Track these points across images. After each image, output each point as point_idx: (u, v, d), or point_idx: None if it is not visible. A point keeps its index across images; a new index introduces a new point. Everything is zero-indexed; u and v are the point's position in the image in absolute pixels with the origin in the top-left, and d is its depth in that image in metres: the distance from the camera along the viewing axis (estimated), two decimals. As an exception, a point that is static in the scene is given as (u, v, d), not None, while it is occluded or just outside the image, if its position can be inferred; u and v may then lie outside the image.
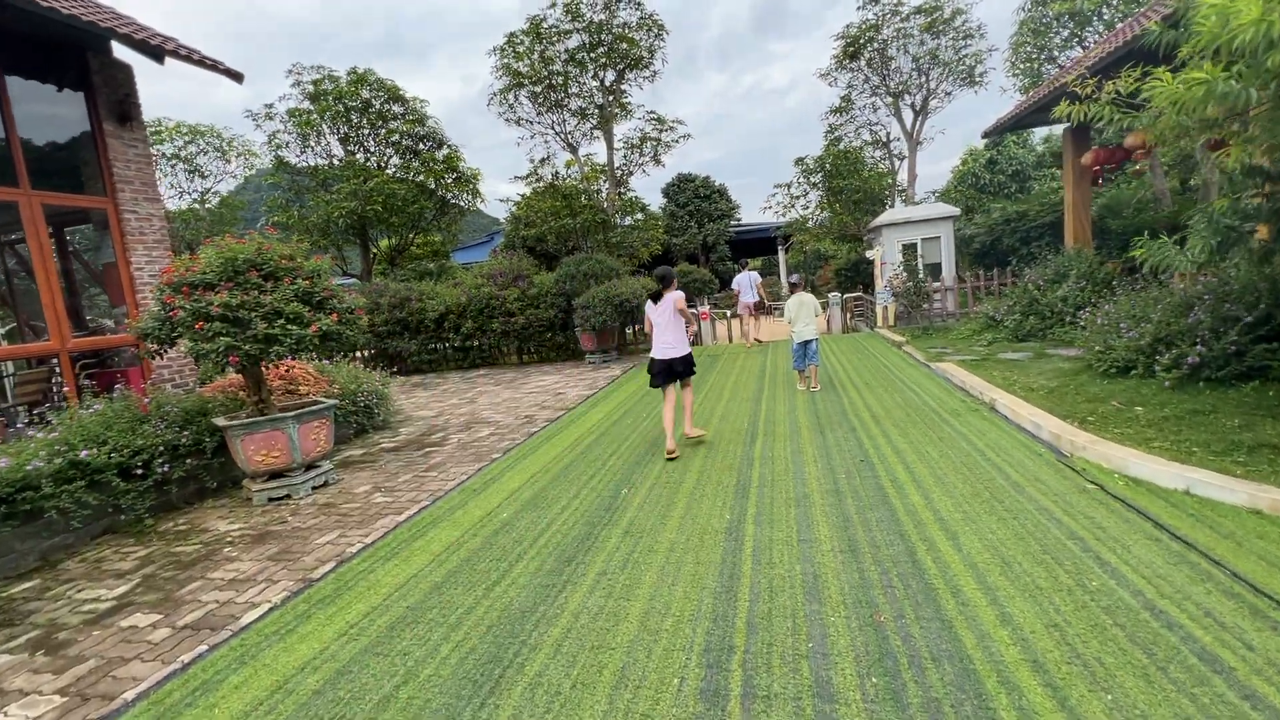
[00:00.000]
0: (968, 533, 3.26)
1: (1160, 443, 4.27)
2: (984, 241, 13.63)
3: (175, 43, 7.09)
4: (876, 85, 16.60)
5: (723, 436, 5.75)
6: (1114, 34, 7.97)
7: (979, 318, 10.60)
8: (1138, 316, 6.38)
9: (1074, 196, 10.16)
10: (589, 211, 13.64)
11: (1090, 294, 8.98)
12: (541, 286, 13.22)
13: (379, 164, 16.68)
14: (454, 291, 14.03)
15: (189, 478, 5.34)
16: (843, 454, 4.86)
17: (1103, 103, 4.68)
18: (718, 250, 29.37)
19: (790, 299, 7.87)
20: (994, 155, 23.61)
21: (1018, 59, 14.16)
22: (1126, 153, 9.70)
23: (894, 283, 12.31)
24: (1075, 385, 6.13)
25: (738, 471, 4.67)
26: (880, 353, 9.99)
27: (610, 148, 15.43)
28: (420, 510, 4.60)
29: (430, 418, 8.40)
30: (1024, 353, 8.38)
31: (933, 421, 5.52)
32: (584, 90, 15.31)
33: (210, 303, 4.58)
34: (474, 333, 13.67)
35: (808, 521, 3.63)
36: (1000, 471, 4.10)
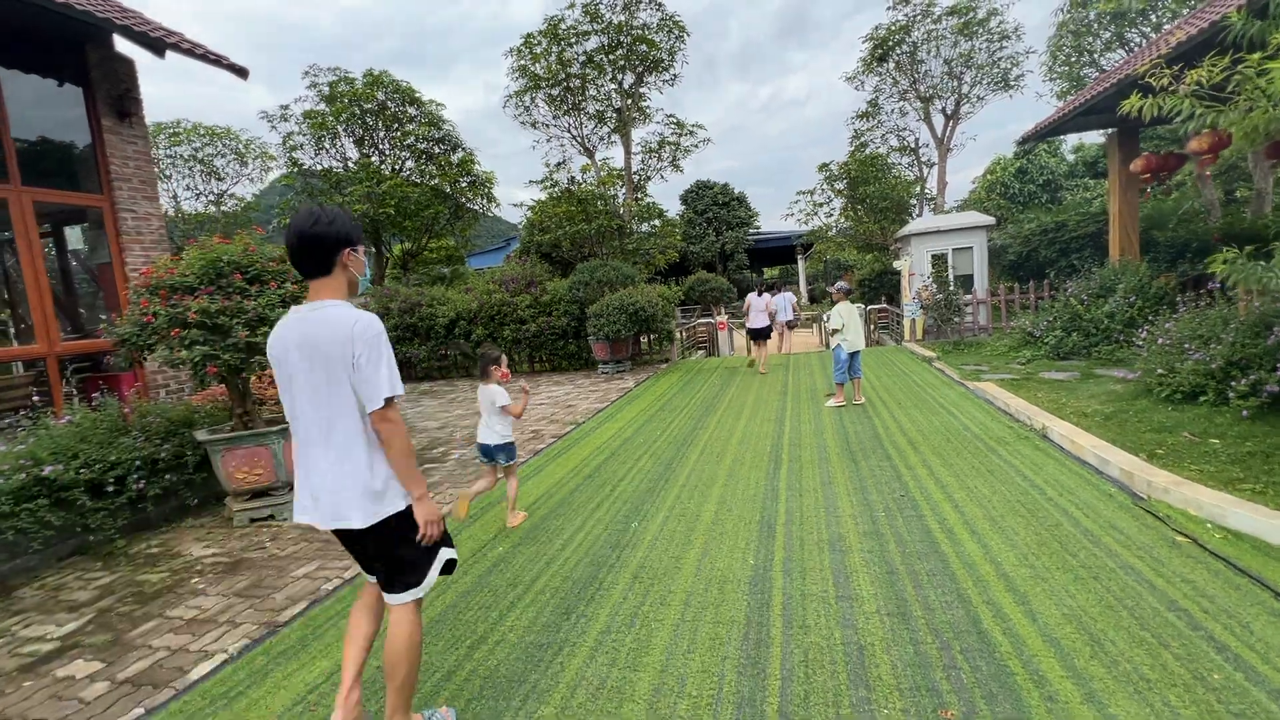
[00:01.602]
0: (1040, 595, 2.74)
1: (1250, 484, 3.71)
2: (1019, 253, 12.99)
3: (179, 36, 6.82)
4: (906, 89, 16.03)
5: (743, 461, 5.26)
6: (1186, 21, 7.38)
7: (1015, 333, 9.99)
8: (1204, 337, 5.78)
9: (1120, 206, 9.53)
10: (605, 217, 13.25)
11: (1141, 310, 8.35)
12: (555, 293, 12.83)
13: (394, 167, 16.47)
14: (465, 297, 13.70)
15: (168, 494, 4.97)
16: (879, 487, 4.35)
17: (1181, 95, 4.15)
18: (735, 258, 28.90)
19: (839, 305, 7.27)
20: (1024, 164, 22.85)
21: (1055, 63, 13.56)
22: (1180, 159, 9.07)
23: (923, 295, 11.73)
24: (1135, 412, 5.55)
25: (761, 505, 4.18)
26: (910, 369, 9.43)
27: (628, 152, 15.05)
28: (409, 539, 4.16)
29: (434, 429, 8.01)
30: (1068, 372, 7.78)
31: (978, 450, 4.98)
32: (601, 93, 14.97)
33: (187, 308, 4.21)
34: (485, 339, 13.30)
35: (845, 572, 3.13)
36: (1067, 515, 3.57)
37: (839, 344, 7.31)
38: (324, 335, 1.89)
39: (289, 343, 1.95)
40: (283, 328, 1.98)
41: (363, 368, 1.88)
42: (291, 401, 2.00)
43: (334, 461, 1.94)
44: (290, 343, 1.94)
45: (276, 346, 1.98)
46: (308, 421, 1.97)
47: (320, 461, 1.96)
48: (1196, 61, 4.09)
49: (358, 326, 1.88)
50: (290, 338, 1.95)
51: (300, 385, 1.95)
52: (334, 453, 1.94)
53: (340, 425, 1.93)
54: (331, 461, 1.94)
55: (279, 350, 1.97)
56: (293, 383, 1.97)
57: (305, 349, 1.91)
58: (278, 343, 1.98)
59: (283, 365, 1.98)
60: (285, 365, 1.97)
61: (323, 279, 1.97)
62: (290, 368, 1.96)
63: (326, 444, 1.95)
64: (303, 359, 1.93)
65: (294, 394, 1.98)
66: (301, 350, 1.92)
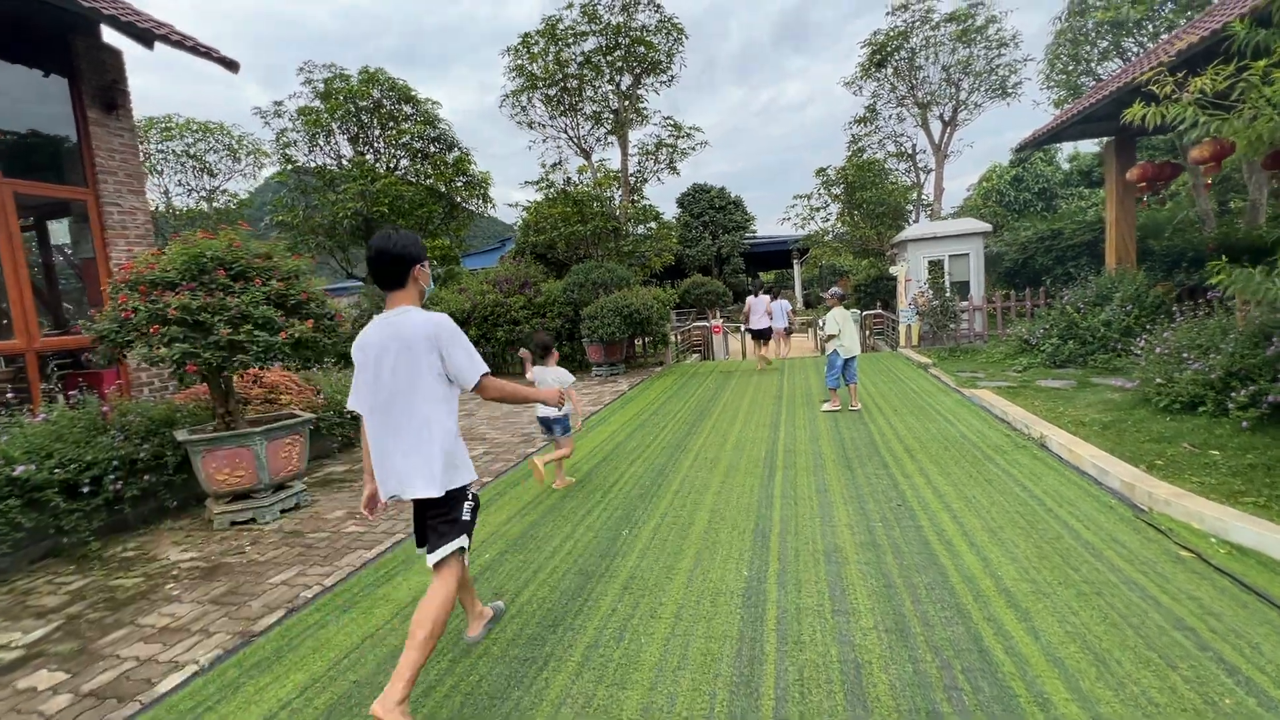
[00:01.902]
0: (1042, 612, 2.66)
1: (1252, 497, 3.64)
2: (1015, 260, 12.97)
3: (168, 28, 6.70)
4: (904, 95, 16.02)
5: (737, 468, 5.17)
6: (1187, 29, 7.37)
7: (1011, 340, 9.95)
8: (1203, 347, 5.73)
9: (1117, 214, 9.51)
10: (601, 218, 13.16)
11: (1138, 319, 8.32)
12: (549, 295, 12.74)
13: (388, 166, 16.33)
14: (459, 298, 13.58)
15: (146, 495, 4.84)
16: (875, 495, 4.26)
17: (1185, 103, 4.09)
18: (731, 262, 28.86)
19: (834, 311, 7.25)
20: (1020, 172, 22.91)
21: (1053, 71, 13.57)
22: (1176, 168, 9.06)
23: (919, 301, 11.69)
24: (1134, 421, 5.49)
25: (756, 513, 4.09)
26: (906, 375, 9.37)
27: (624, 154, 14.97)
28: (394, 545, 4.05)
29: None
30: (1065, 380, 7.73)
31: (975, 459, 4.91)
32: (599, 94, 14.89)
33: (168, 305, 4.08)
34: (478, 340, 13.18)
35: (841, 585, 3.04)
36: (1067, 527, 3.49)
37: (834, 349, 7.28)
38: (411, 335, 2.23)
39: (379, 342, 2.26)
40: (373, 330, 2.30)
41: (451, 358, 2.27)
42: (375, 393, 2.29)
43: (413, 443, 2.26)
44: (380, 342, 2.26)
45: (367, 345, 2.29)
46: (392, 409, 2.27)
47: (401, 444, 2.27)
48: (1199, 70, 4.03)
49: (437, 326, 2.26)
50: (380, 338, 2.27)
51: (387, 378, 2.26)
52: (413, 436, 2.26)
53: (421, 412, 2.26)
54: (411, 444, 2.26)
55: (369, 348, 2.28)
56: (379, 377, 2.27)
57: (395, 347, 2.24)
58: (369, 343, 2.29)
59: (370, 362, 2.28)
60: (373, 362, 2.28)
61: (399, 291, 2.33)
62: (378, 364, 2.27)
63: (408, 429, 2.26)
64: (392, 356, 2.24)
65: (380, 386, 2.27)
66: (391, 348, 2.24)
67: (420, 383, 2.24)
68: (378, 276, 2.32)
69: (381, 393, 2.27)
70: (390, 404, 2.27)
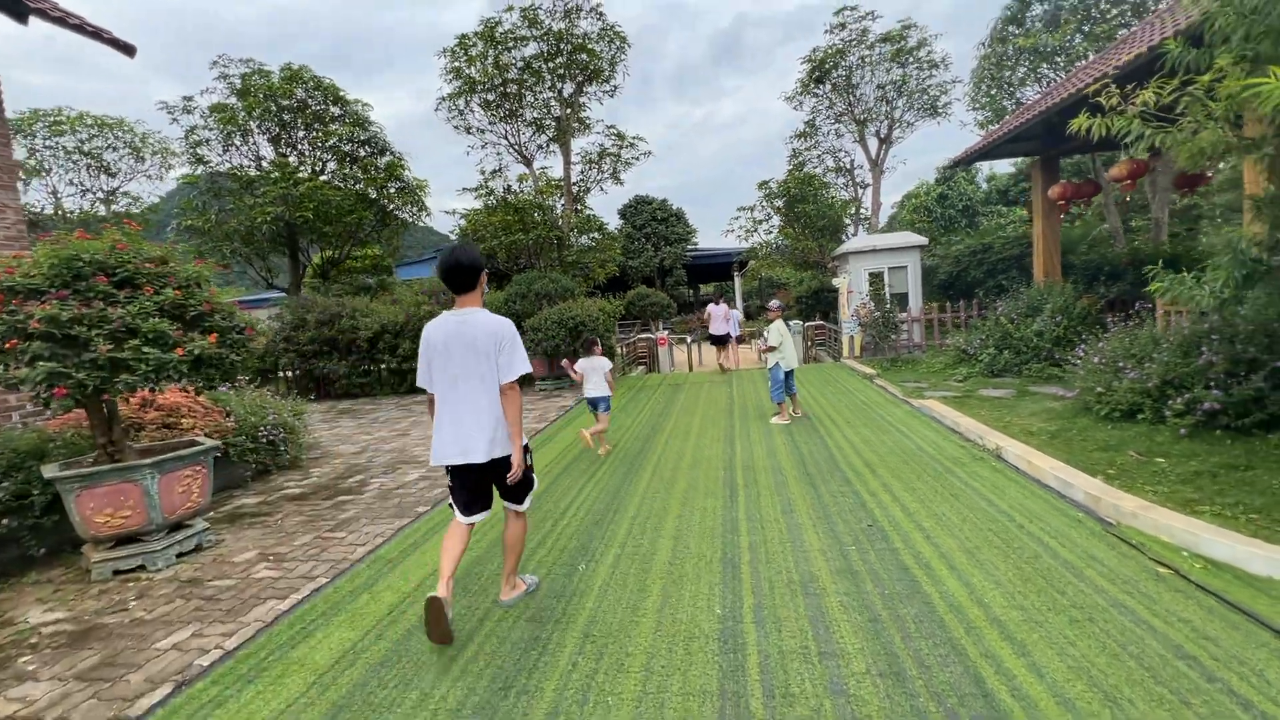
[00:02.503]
0: (1039, 644, 2.48)
1: (1205, 506, 3.66)
2: (949, 273, 13.47)
3: (48, 3, 5.89)
4: (842, 111, 16.50)
5: (696, 488, 4.89)
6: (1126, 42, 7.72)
7: (950, 351, 10.21)
8: (1137, 356, 5.93)
9: (1043, 229, 9.97)
10: (543, 228, 12.74)
11: (1067, 329, 8.66)
12: (489, 305, 12.19)
13: (314, 169, 15.34)
14: (392, 309, 12.81)
15: (6, 542, 4.06)
16: (844, 514, 4.07)
17: (1130, 115, 4.16)
18: (674, 274, 28.94)
19: (776, 323, 7.20)
20: (945, 190, 24.12)
21: (978, 94, 14.31)
22: (1095, 186, 9.57)
23: (861, 312, 11.88)
24: (1078, 430, 5.59)
25: (722, 540, 3.80)
26: (853, 386, 9.41)
27: (567, 162, 14.64)
28: (314, 593, 3.51)
29: (352, 454, 7.22)
30: (1005, 390, 7.92)
31: (937, 472, 4.82)
32: (540, 101, 14.51)
33: (30, 316, 3.42)
34: (412, 354, 12.45)
35: (824, 621, 2.78)
36: (1043, 545, 3.38)
37: (776, 362, 7.17)
38: (479, 333, 2.77)
39: (449, 336, 2.80)
40: (441, 326, 2.83)
41: (506, 353, 2.79)
42: (445, 378, 2.82)
43: (479, 417, 2.79)
44: (450, 336, 2.79)
45: (437, 338, 2.82)
46: (461, 393, 2.80)
47: (470, 418, 2.79)
48: (1144, 84, 4.12)
49: (502, 327, 2.82)
50: (449, 333, 2.80)
51: (457, 367, 2.79)
52: (481, 415, 2.79)
53: (486, 395, 2.80)
54: (478, 417, 2.79)
55: (439, 341, 2.82)
56: (449, 365, 2.80)
57: (464, 341, 2.77)
58: (438, 336, 2.82)
59: (440, 353, 2.81)
60: (443, 353, 2.80)
61: (469, 294, 2.86)
62: (448, 354, 2.79)
63: (477, 406, 2.79)
64: (461, 348, 2.77)
65: (450, 373, 2.80)
66: (461, 341, 2.77)
67: (484, 369, 2.79)
68: (452, 282, 2.86)
69: (451, 371, 2.81)
70: (451, 385, 2.82)
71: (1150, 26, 6.99)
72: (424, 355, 2.89)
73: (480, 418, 2.79)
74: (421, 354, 2.91)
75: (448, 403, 2.84)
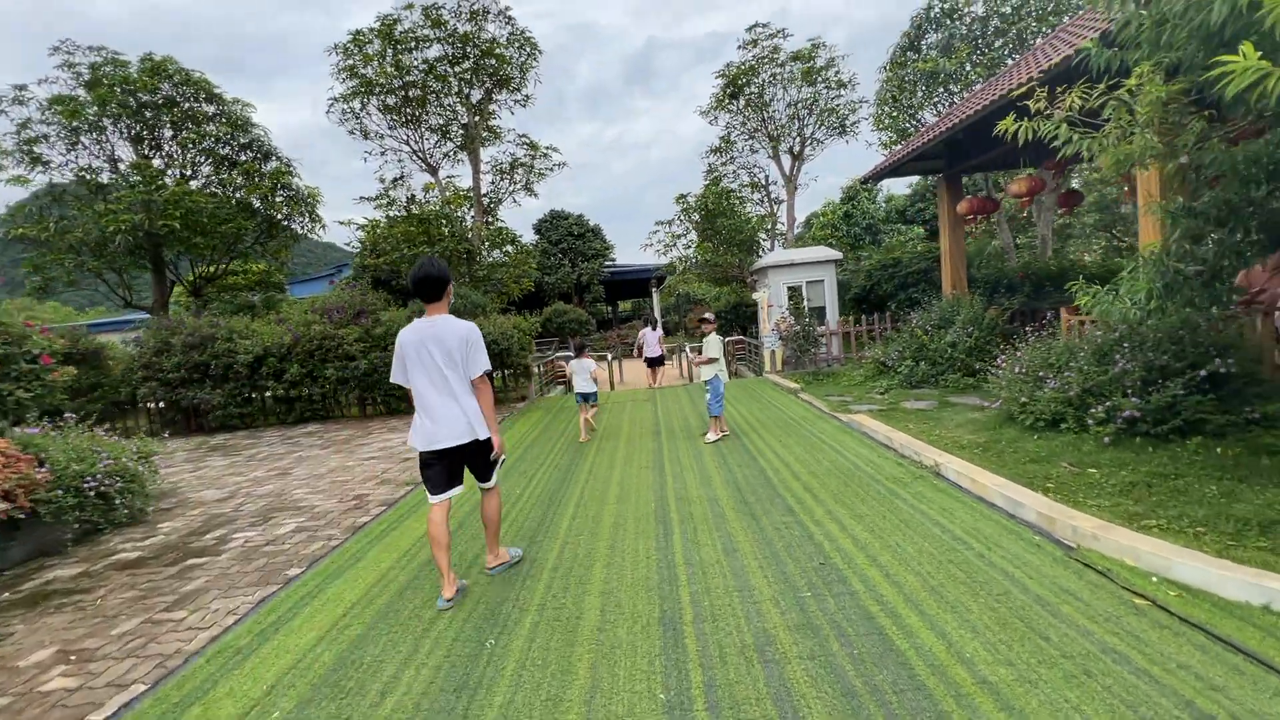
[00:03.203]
0: (1041, 713, 2.09)
1: (1152, 520, 3.53)
2: (863, 286, 13.81)
3: None
4: (756, 128, 16.75)
5: (625, 527, 4.32)
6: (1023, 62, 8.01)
7: (869, 363, 10.29)
8: (1056, 365, 6.00)
9: (950, 244, 10.32)
10: (451, 240, 11.85)
11: (978, 340, 8.88)
12: (391, 325, 11.12)
13: (183, 173, 13.61)
14: (276, 329, 11.43)
15: None
16: (792, 551, 3.63)
17: (1058, 120, 4.08)
18: (592, 290, 28.45)
19: (711, 336, 6.95)
20: (849, 209, 25.23)
21: (881, 115, 14.94)
22: (995, 203, 9.99)
23: (781, 326, 11.84)
24: (1006, 441, 5.52)
25: (659, 593, 3.25)
26: (779, 401, 9.21)
27: (476, 171, 13.80)
28: (121, 710, 2.62)
29: (215, 502, 6.08)
30: (927, 401, 7.94)
31: (880, 495, 4.52)
32: (446, 106, 13.65)
33: None
34: (302, 380, 11.13)
35: (789, 699, 2.28)
36: (1009, 578, 3.07)
37: (715, 375, 6.86)
38: (450, 336, 3.30)
39: (424, 339, 3.29)
40: (415, 331, 3.32)
41: (473, 352, 3.35)
42: (423, 376, 3.31)
43: (451, 409, 3.31)
44: (425, 339, 3.29)
45: (411, 341, 3.31)
46: (436, 387, 3.32)
47: (442, 409, 3.30)
48: (1069, 88, 4.06)
49: (469, 331, 3.35)
50: (424, 336, 3.30)
51: (430, 364, 3.30)
52: (454, 404, 3.31)
53: (456, 388, 3.32)
54: (449, 408, 3.31)
55: (413, 344, 3.31)
56: (422, 362, 3.30)
57: (437, 342, 3.29)
58: (412, 339, 3.30)
59: (414, 354, 3.32)
60: (416, 354, 3.31)
61: (437, 303, 3.37)
62: (424, 353, 3.29)
63: (449, 399, 3.31)
64: (435, 348, 3.28)
65: (425, 370, 3.31)
66: (433, 343, 3.29)
67: (455, 366, 3.26)
68: (423, 292, 3.30)
69: (429, 373, 3.27)
70: (426, 381, 3.28)
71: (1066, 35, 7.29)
72: (398, 357, 3.35)
73: (455, 408, 3.28)
74: (396, 356, 3.37)
75: (428, 396, 3.29)
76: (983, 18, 12.85)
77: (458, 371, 3.30)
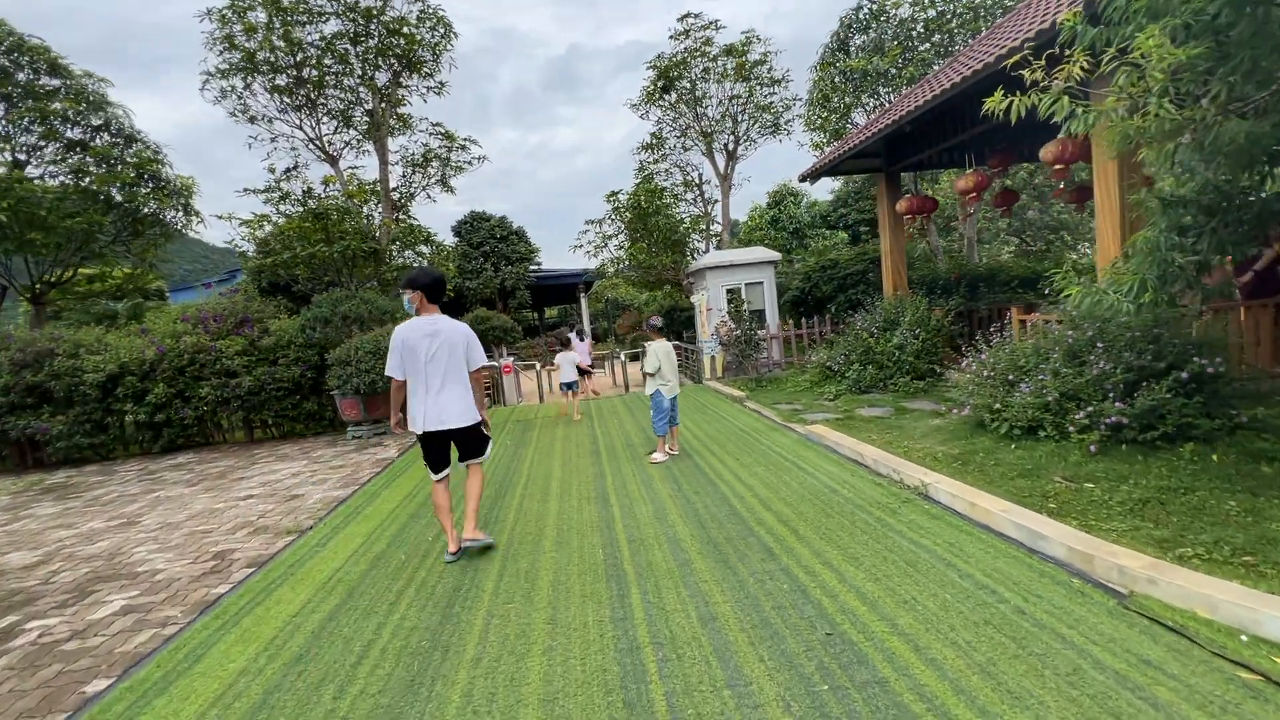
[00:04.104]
0: None
1: (1187, 549, 3.03)
2: (800, 289, 13.49)
3: None
4: (689, 124, 16.15)
5: (569, 585, 3.40)
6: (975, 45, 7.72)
7: (813, 368, 9.84)
8: (1025, 368, 5.61)
9: (890, 244, 10.06)
10: (354, 238, 10.44)
11: (925, 341, 8.58)
12: (281, 335, 9.60)
13: (16, 156, 11.39)
14: (137, 342, 9.64)
15: None
16: (785, 614, 2.85)
17: (1056, 91, 3.57)
18: (518, 295, 27.06)
19: (654, 344, 6.17)
20: (777, 214, 25.33)
21: (812, 115, 14.79)
22: (934, 202, 9.81)
23: (721, 330, 11.24)
24: (984, 451, 5.04)
25: (622, 697, 2.36)
26: (725, 411, 8.54)
27: (384, 162, 12.38)
28: None
29: (18, 570, 4.64)
30: (881, 408, 7.49)
31: (868, 526, 3.84)
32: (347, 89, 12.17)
33: None
34: (169, 401, 9.41)
35: None
36: (1072, 646, 2.41)
37: (657, 388, 6.06)
38: (453, 332, 3.86)
39: (424, 336, 3.79)
40: (415, 329, 3.80)
41: (471, 349, 3.92)
42: (425, 366, 3.78)
43: (452, 395, 3.83)
44: (426, 336, 3.79)
45: (412, 338, 3.78)
46: (447, 377, 3.82)
47: (451, 396, 3.83)
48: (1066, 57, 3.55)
49: (468, 331, 3.96)
50: (426, 333, 3.79)
51: (442, 357, 3.79)
52: (455, 391, 3.85)
53: (456, 378, 3.86)
54: (450, 395, 3.82)
55: (414, 340, 3.78)
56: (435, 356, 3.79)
57: (441, 339, 3.80)
58: (413, 336, 3.78)
59: (413, 349, 3.78)
60: (415, 349, 3.77)
61: (436, 304, 3.93)
62: (426, 348, 3.77)
63: (459, 387, 3.86)
64: (439, 345, 3.79)
65: (436, 362, 3.79)
66: (438, 340, 3.79)
67: (459, 361, 3.85)
68: (435, 293, 3.95)
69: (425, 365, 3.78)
70: (434, 373, 3.80)
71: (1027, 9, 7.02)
72: (396, 350, 3.77)
73: (463, 395, 3.85)
74: (394, 350, 3.78)
75: (429, 388, 3.79)
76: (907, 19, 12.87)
77: (461, 364, 3.85)
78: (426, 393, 3.78)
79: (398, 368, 3.79)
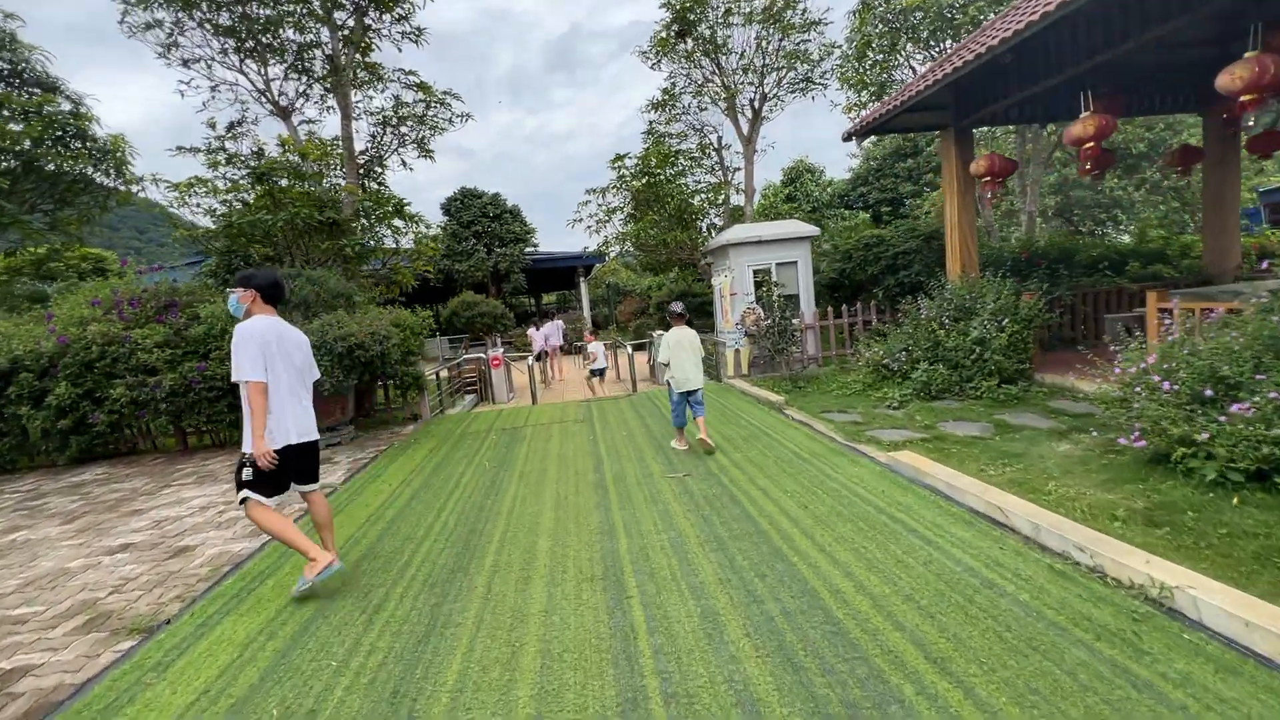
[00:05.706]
0: None
1: None
2: (838, 269, 11.70)
3: None
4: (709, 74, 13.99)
5: (562, 686, 1.67)
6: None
7: (864, 367, 8.09)
8: (1225, 379, 3.86)
9: (958, 214, 8.26)
10: (307, 204, 8.62)
11: (1015, 335, 6.83)
12: (214, 323, 7.82)
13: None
14: (33, 332, 7.88)
15: None
16: None
17: None
18: (512, 280, 25.23)
19: (669, 334, 5.63)
20: (793, 191, 23.47)
21: (848, 68, 12.90)
22: (1014, 163, 8.00)
23: (747, 319, 9.47)
24: (1188, 506, 3.33)
25: None
26: (762, 422, 6.80)
27: (347, 118, 10.50)
28: None
29: None
30: (971, 422, 5.76)
31: (1109, 683, 2.11)
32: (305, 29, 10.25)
33: None
34: (77, 403, 7.66)
35: None
36: None
37: (667, 379, 5.60)
38: (300, 338, 3.52)
39: (280, 337, 3.32)
40: (272, 327, 3.30)
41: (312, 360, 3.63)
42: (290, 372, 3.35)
43: (309, 406, 3.48)
44: (280, 338, 3.32)
45: (271, 337, 3.26)
46: (304, 385, 3.50)
47: (306, 406, 3.46)
48: None
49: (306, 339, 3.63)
50: (280, 334, 3.33)
51: (296, 364, 3.41)
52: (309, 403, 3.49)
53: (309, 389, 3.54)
54: (308, 406, 3.48)
55: (274, 340, 3.27)
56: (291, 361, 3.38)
57: (294, 342, 3.43)
58: (272, 335, 3.26)
59: (275, 350, 3.27)
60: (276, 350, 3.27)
61: (273, 306, 3.44)
62: (282, 352, 3.30)
63: (308, 397, 3.50)
64: (294, 348, 3.40)
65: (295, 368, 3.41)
66: (291, 343, 3.39)
67: (309, 369, 3.52)
68: (275, 294, 3.45)
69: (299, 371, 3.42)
70: (308, 380, 3.53)
71: None
72: (263, 350, 3.20)
73: (309, 405, 3.48)
74: (260, 349, 3.19)
75: (293, 393, 3.36)
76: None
77: (307, 374, 3.55)
78: (299, 401, 3.42)
79: (262, 369, 3.19)
